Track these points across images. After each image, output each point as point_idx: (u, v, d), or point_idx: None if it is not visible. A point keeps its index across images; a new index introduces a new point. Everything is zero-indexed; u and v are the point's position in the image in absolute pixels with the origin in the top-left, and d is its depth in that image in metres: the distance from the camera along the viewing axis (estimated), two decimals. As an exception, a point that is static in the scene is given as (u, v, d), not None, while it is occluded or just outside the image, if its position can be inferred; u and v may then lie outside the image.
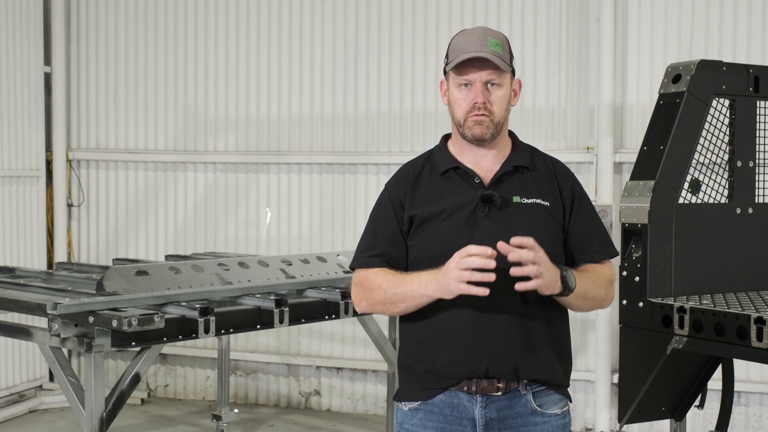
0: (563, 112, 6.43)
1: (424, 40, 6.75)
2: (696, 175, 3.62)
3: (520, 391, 2.62)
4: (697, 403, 3.81)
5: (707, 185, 3.67)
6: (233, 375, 7.27)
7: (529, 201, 2.64)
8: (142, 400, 7.29)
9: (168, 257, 5.77)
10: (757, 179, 3.78)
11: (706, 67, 3.60)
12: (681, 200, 3.57)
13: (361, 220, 6.78)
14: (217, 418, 5.49)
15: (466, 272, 2.41)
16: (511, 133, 2.78)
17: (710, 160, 3.68)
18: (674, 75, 3.63)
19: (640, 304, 3.47)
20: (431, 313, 2.61)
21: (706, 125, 3.62)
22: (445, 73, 2.69)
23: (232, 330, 4.14)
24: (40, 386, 7.36)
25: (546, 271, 2.45)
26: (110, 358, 7.21)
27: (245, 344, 7.21)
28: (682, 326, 3.30)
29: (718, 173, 3.71)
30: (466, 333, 2.58)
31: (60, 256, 7.54)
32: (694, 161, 3.60)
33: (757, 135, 3.78)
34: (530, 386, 2.63)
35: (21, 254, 7.19)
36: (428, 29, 6.74)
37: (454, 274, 2.42)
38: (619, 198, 4.50)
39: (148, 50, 7.47)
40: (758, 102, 3.77)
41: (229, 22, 7.24)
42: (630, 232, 3.54)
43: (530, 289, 2.46)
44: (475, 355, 2.57)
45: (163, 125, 7.47)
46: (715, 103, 3.66)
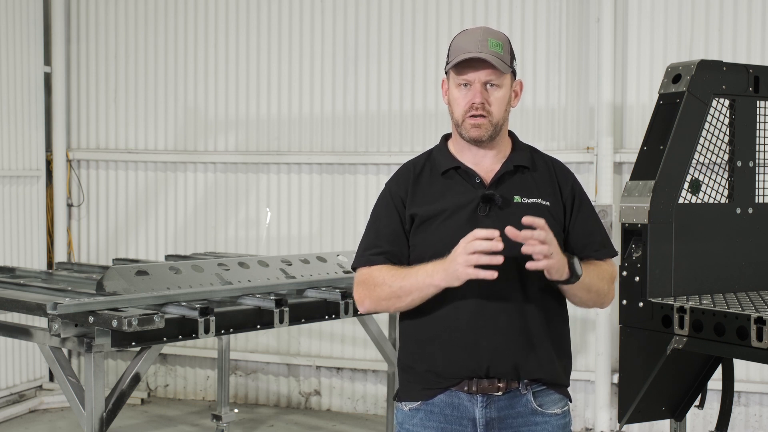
0: (563, 112, 6.43)
1: (424, 40, 6.75)
2: (696, 175, 3.62)
3: (521, 391, 2.62)
4: (697, 403, 3.81)
5: (707, 185, 3.67)
6: (233, 375, 7.27)
7: (530, 201, 2.64)
8: (142, 400, 7.29)
9: (168, 257, 5.77)
10: (757, 179, 3.78)
11: (706, 67, 3.61)
12: (681, 200, 3.57)
13: (361, 220, 6.78)
14: (217, 418, 5.49)
15: (473, 256, 2.40)
16: (511, 133, 2.78)
17: (710, 160, 3.67)
18: (674, 75, 3.63)
19: (640, 304, 3.47)
20: (431, 313, 2.61)
21: (706, 125, 3.62)
22: (447, 72, 2.69)
23: (232, 330, 4.14)
24: (40, 386, 7.35)
25: (556, 253, 2.45)
26: (110, 358, 7.21)
27: (245, 344, 7.21)
28: (682, 326, 3.30)
29: (718, 173, 3.71)
30: (467, 333, 2.58)
31: (60, 256, 7.54)
32: (694, 161, 3.60)
33: (757, 135, 3.78)
34: (530, 386, 2.63)
35: (21, 254, 7.19)
36: (428, 29, 6.74)
37: (462, 259, 2.42)
38: (619, 198, 4.50)
39: (148, 50, 7.47)
40: (758, 102, 3.77)
41: (229, 22, 7.24)
42: (630, 232, 3.54)
43: (540, 269, 2.45)
44: (476, 355, 2.57)
45: (163, 125, 7.47)
46: (715, 103, 3.65)
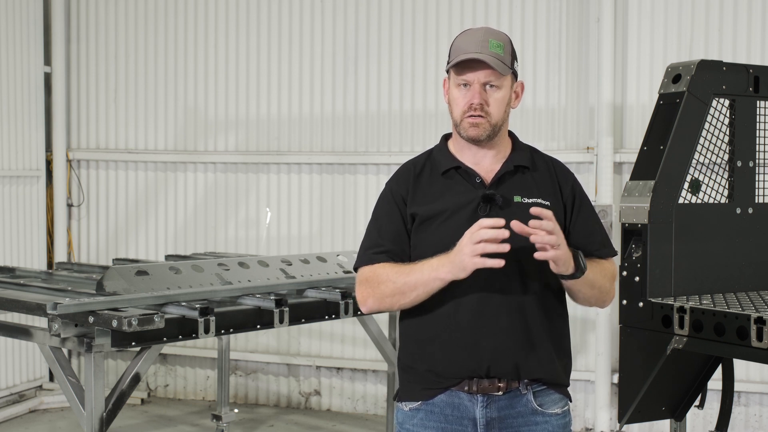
0: (563, 112, 6.43)
1: (424, 40, 6.75)
2: (696, 175, 3.62)
3: (521, 391, 2.62)
4: (697, 403, 3.81)
5: (707, 185, 3.67)
6: (233, 375, 7.27)
7: (530, 201, 2.64)
8: (142, 400, 7.29)
9: (168, 257, 5.77)
10: (757, 179, 3.78)
11: (706, 67, 3.60)
12: (681, 200, 3.57)
13: (361, 220, 6.79)
14: (217, 418, 5.49)
15: (479, 245, 2.41)
16: (511, 134, 2.78)
17: (710, 160, 3.67)
18: (674, 75, 3.63)
19: (640, 304, 3.47)
20: (431, 313, 2.61)
21: (706, 125, 3.62)
22: (447, 72, 2.69)
23: (232, 330, 4.14)
24: (40, 386, 7.35)
25: (563, 245, 2.46)
26: (110, 358, 7.21)
27: (245, 344, 7.21)
28: (682, 326, 3.30)
29: (718, 173, 3.71)
30: (467, 332, 2.58)
31: (60, 256, 7.54)
32: (694, 161, 3.60)
33: (757, 135, 3.78)
34: (531, 386, 2.63)
35: (21, 254, 7.19)
36: (428, 29, 6.74)
37: (468, 249, 2.42)
38: (619, 198, 4.50)
39: (148, 50, 7.47)
40: (758, 102, 3.77)
41: (229, 22, 7.24)
42: (630, 232, 3.54)
43: (548, 259, 2.45)
44: (477, 355, 2.57)
45: (163, 125, 7.47)
46: (715, 103, 3.65)
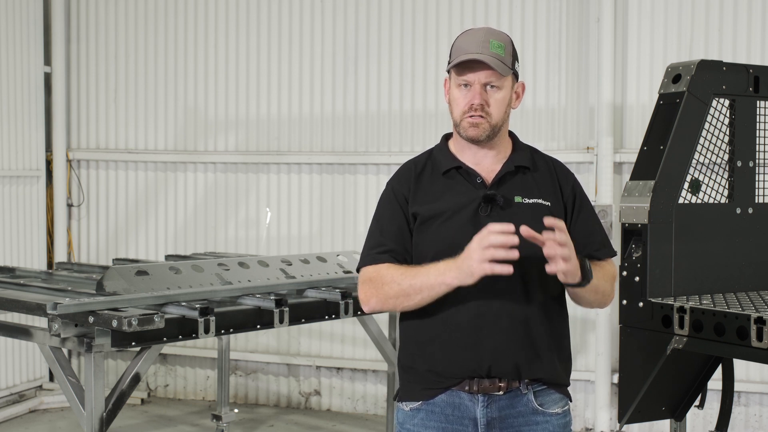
0: (563, 112, 6.43)
1: (424, 40, 6.75)
2: (696, 175, 3.62)
3: (522, 391, 2.62)
4: (697, 403, 3.81)
5: (707, 185, 3.67)
6: (233, 375, 7.27)
7: (531, 201, 2.65)
8: (142, 400, 7.29)
9: (168, 257, 5.77)
10: (757, 179, 3.78)
11: (706, 67, 3.60)
12: (681, 200, 3.57)
13: (361, 220, 6.79)
14: (217, 418, 5.49)
15: (489, 251, 2.39)
16: (512, 134, 2.78)
17: (710, 160, 3.67)
18: (674, 75, 3.63)
19: (640, 304, 3.47)
20: (432, 313, 2.61)
21: (706, 125, 3.62)
22: (448, 72, 2.69)
23: (232, 330, 4.13)
24: (40, 386, 7.35)
25: (573, 257, 2.45)
26: (110, 358, 7.21)
27: (245, 344, 7.21)
28: (682, 326, 3.30)
29: (718, 173, 3.71)
30: (468, 332, 2.58)
31: (60, 256, 7.54)
32: (694, 161, 3.60)
33: (757, 135, 3.78)
34: (531, 385, 2.63)
35: (21, 254, 7.19)
36: (428, 29, 6.74)
37: (477, 255, 2.41)
38: (619, 198, 4.50)
39: (148, 50, 7.47)
40: (758, 102, 3.77)
41: (229, 22, 7.24)
42: (630, 232, 3.53)
43: (559, 271, 2.43)
44: (477, 355, 2.57)
45: (163, 125, 7.47)
46: (715, 103, 3.65)
